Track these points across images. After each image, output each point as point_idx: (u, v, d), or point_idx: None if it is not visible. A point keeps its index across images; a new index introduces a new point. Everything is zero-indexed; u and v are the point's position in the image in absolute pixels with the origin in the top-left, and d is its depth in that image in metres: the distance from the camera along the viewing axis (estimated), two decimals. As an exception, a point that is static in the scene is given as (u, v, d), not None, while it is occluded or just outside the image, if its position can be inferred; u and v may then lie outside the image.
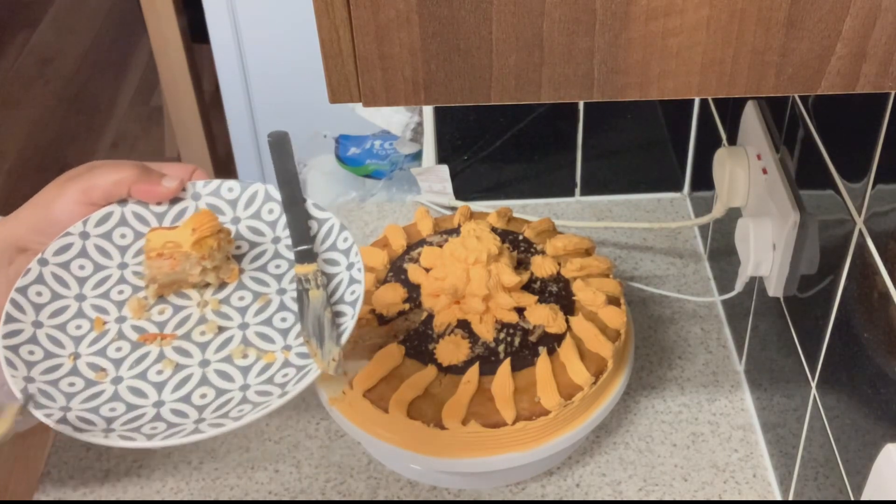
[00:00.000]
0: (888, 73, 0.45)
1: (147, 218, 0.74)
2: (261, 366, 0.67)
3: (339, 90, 0.46)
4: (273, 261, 0.74)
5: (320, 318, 0.67)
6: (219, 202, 0.75)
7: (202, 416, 0.64)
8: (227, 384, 0.66)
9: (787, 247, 0.80)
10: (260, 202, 0.75)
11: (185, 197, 0.75)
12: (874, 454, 0.65)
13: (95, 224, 0.72)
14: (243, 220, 0.75)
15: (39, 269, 0.70)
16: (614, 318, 0.89)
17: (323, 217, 0.73)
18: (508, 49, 0.44)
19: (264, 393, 0.65)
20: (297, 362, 0.67)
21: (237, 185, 0.75)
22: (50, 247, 0.70)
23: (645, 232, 1.17)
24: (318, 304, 0.68)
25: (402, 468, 0.91)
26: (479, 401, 0.84)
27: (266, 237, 0.75)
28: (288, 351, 0.68)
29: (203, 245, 0.70)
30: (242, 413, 0.62)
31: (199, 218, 0.71)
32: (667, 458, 0.93)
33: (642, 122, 1.17)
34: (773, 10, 0.43)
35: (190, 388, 0.66)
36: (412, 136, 1.36)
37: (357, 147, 1.50)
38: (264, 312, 0.71)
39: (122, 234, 0.73)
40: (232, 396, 0.65)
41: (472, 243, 0.88)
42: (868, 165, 0.65)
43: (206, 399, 0.65)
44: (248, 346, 0.69)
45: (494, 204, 1.16)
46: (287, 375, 0.66)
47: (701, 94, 0.46)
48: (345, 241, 0.72)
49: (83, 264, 0.71)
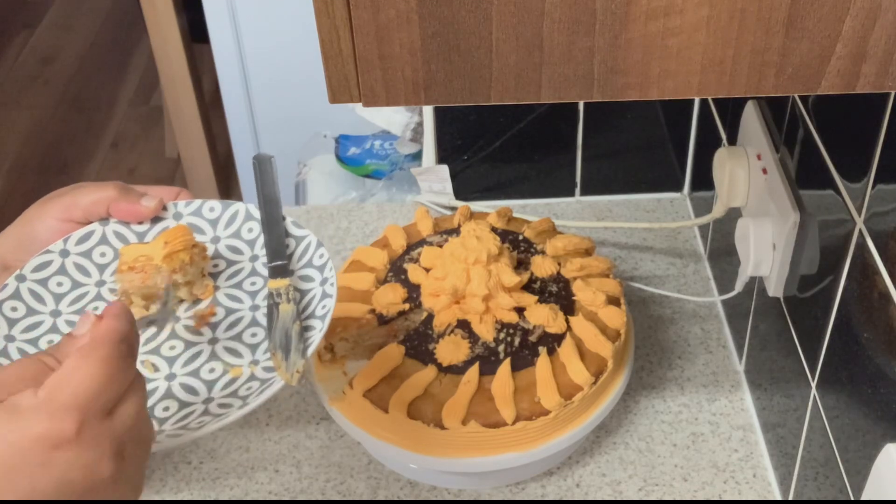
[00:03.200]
0: (888, 73, 0.45)
1: (128, 237, 0.74)
2: (226, 380, 0.67)
3: (338, 90, 0.46)
4: (249, 278, 0.74)
5: (288, 331, 0.67)
6: (200, 221, 0.75)
7: (161, 427, 0.64)
8: (192, 397, 0.66)
9: (787, 247, 0.80)
10: (240, 221, 0.76)
11: (166, 216, 0.75)
12: (874, 454, 0.65)
13: (76, 242, 0.72)
14: (223, 239, 0.75)
15: (17, 285, 0.69)
16: (614, 318, 0.89)
17: (301, 234, 0.74)
18: (508, 49, 0.44)
19: (225, 405, 0.65)
20: (262, 375, 0.67)
21: (219, 204, 0.76)
22: (29, 263, 0.70)
23: (645, 232, 1.17)
24: (288, 317, 0.68)
25: (402, 468, 0.91)
26: (479, 401, 0.84)
27: (244, 255, 0.75)
28: (255, 365, 0.68)
29: (174, 258, 0.70)
30: (202, 424, 0.63)
31: (172, 232, 0.71)
32: (667, 458, 0.93)
33: (642, 122, 1.17)
34: (773, 10, 0.43)
35: (153, 402, 0.66)
36: (412, 136, 1.36)
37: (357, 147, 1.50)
38: (235, 328, 0.71)
39: (102, 252, 0.73)
40: (194, 409, 0.65)
41: (472, 243, 0.88)
42: (868, 165, 0.65)
43: (168, 412, 0.65)
44: (215, 360, 0.69)
45: (494, 204, 1.16)
46: (251, 388, 0.66)
47: (701, 94, 0.46)
48: (320, 257, 0.72)
49: (61, 281, 0.71)
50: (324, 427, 0.96)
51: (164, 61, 2.17)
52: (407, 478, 0.92)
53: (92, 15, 3.39)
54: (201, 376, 0.68)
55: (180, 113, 2.28)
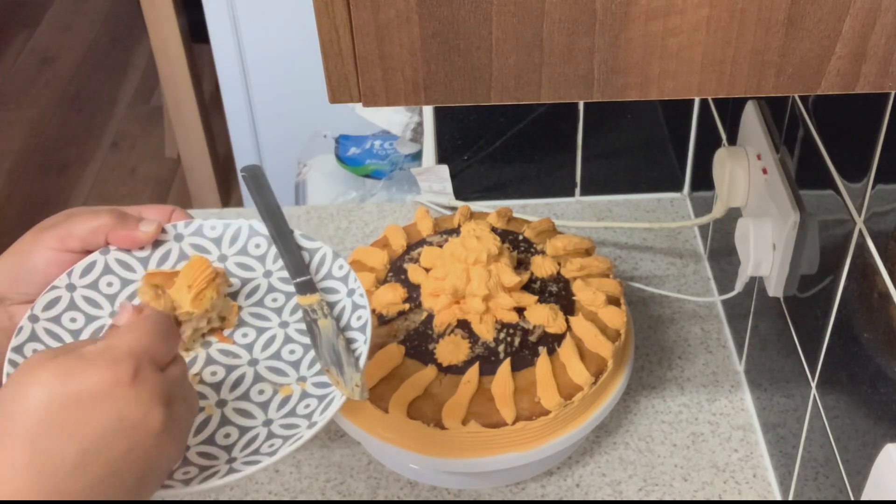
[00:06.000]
0: (888, 73, 0.45)
1: (131, 264, 0.72)
2: (279, 399, 0.66)
3: (338, 90, 0.46)
4: (269, 294, 0.73)
5: (334, 346, 0.66)
6: (203, 241, 0.74)
7: (231, 455, 0.63)
8: (249, 421, 0.65)
9: (787, 247, 0.80)
10: (245, 238, 0.74)
11: (167, 239, 0.73)
12: (874, 454, 0.65)
13: (80, 275, 0.70)
14: (230, 258, 0.74)
15: (31, 326, 0.67)
16: (614, 318, 0.89)
17: (313, 247, 0.72)
18: (508, 49, 0.44)
19: (290, 426, 0.64)
20: (315, 392, 0.66)
21: (219, 223, 0.74)
22: (38, 302, 0.68)
23: (645, 232, 1.17)
24: (330, 332, 0.67)
25: (402, 468, 0.91)
26: (479, 401, 0.84)
27: (257, 272, 0.74)
28: (304, 382, 0.67)
29: (203, 299, 0.68)
30: (274, 447, 0.62)
31: (191, 271, 0.69)
32: (667, 458, 0.93)
33: (642, 122, 1.17)
34: (773, 10, 0.43)
35: (212, 430, 0.65)
36: (412, 136, 1.36)
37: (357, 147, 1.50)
38: (271, 347, 0.70)
39: (109, 282, 0.71)
40: (258, 433, 0.64)
41: (472, 243, 0.88)
42: (868, 165, 0.65)
43: (230, 439, 0.64)
44: (261, 381, 0.68)
45: (494, 204, 1.16)
46: (309, 406, 0.65)
47: (701, 94, 0.46)
48: (340, 268, 0.71)
49: (74, 317, 0.69)
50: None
51: (164, 61, 2.17)
52: (407, 478, 0.92)
53: (92, 15, 3.39)
54: (252, 399, 0.67)
55: (180, 113, 2.28)
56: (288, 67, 1.88)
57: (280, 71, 1.89)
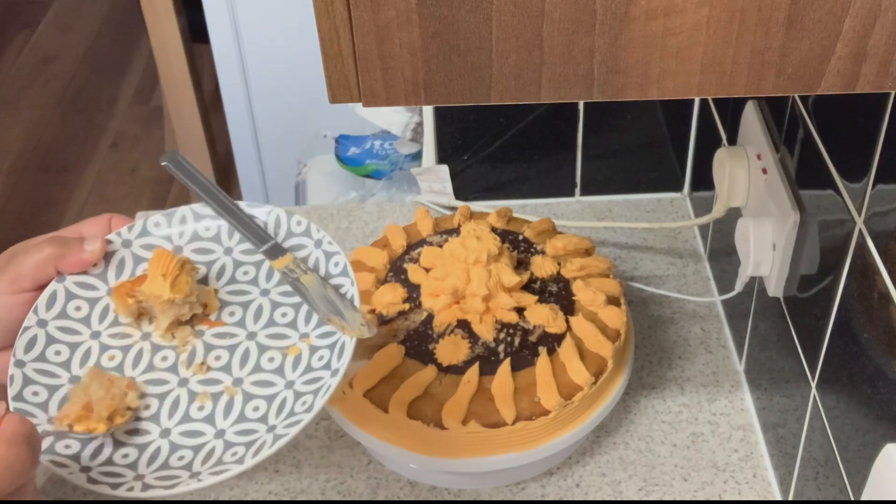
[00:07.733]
0: (888, 73, 0.45)
1: (91, 283, 0.71)
2: (291, 361, 0.67)
3: (338, 90, 0.46)
4: (238, 270, 0.73)
5: (326, 297, 0.68)
6: (151, 240, 0.73)
7: (269, 423, 0.64)
8: (272, 389, 0.66)
9: (787, 247, 0.80)
10: (191, 223, 0.74)
11: (116, 248, 0.72)
12: (874, 454, 0.65)
13: (46, 308, 0.70)
14: (185, 247, 0.74)
15: (21, 372, 0.67)
16: (614, 318, 0.89)
17: (264, 211, 0.73)
18: (508, 49, 0.44)
19: (313, 380, 0.65)
20: (324, 343, 0.67)
21: (161, 217, 0.74)
22: (17, 347, 0.68)
23: (645, 232, 1.17)
24: (316, 285, 0.69)
25: (402, 468, 0.91)
26: (479, 401, 0.84)
27: (217, 252, 0.74)
28: (307, 338, 0.68)
29: (181, 283, 0.69)
30: (307, 403, 0.63)
31: (159, 263, 0.69)
32: (667, 458, 0.93)
33: (642, 122, 1.17)
34: (773, 10, 0.43)
35: (240, 409, 0.66)
36: (412, 136, 1.36)
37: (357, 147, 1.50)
38: (262, 316, 0.71)
39: (77, 306, 0.70)
40: (285, 396, 0.65)
41: (472, 243, 0.88)
42: (868, 165, 0.65)
43: (260, 411, 0.65)
44: (267, 350, 0.68)
45: (494, 204, 1.16)
46: (323, 357, 0.66)
47: (701, 94, 0.46)
48: (298, 224, 0.72)
49: (58, 349, 0.69)
50: (323, 427, 0.96)
51: (164, 61, 2.17)
52: (407, 478, 0.92)
53: (92, 15, 3.39)
54: (265, 368, 0.68)
55: (180, 113, 2.28)
56: (288, 67, 1.88)
57: (280, 71, 1.89)
